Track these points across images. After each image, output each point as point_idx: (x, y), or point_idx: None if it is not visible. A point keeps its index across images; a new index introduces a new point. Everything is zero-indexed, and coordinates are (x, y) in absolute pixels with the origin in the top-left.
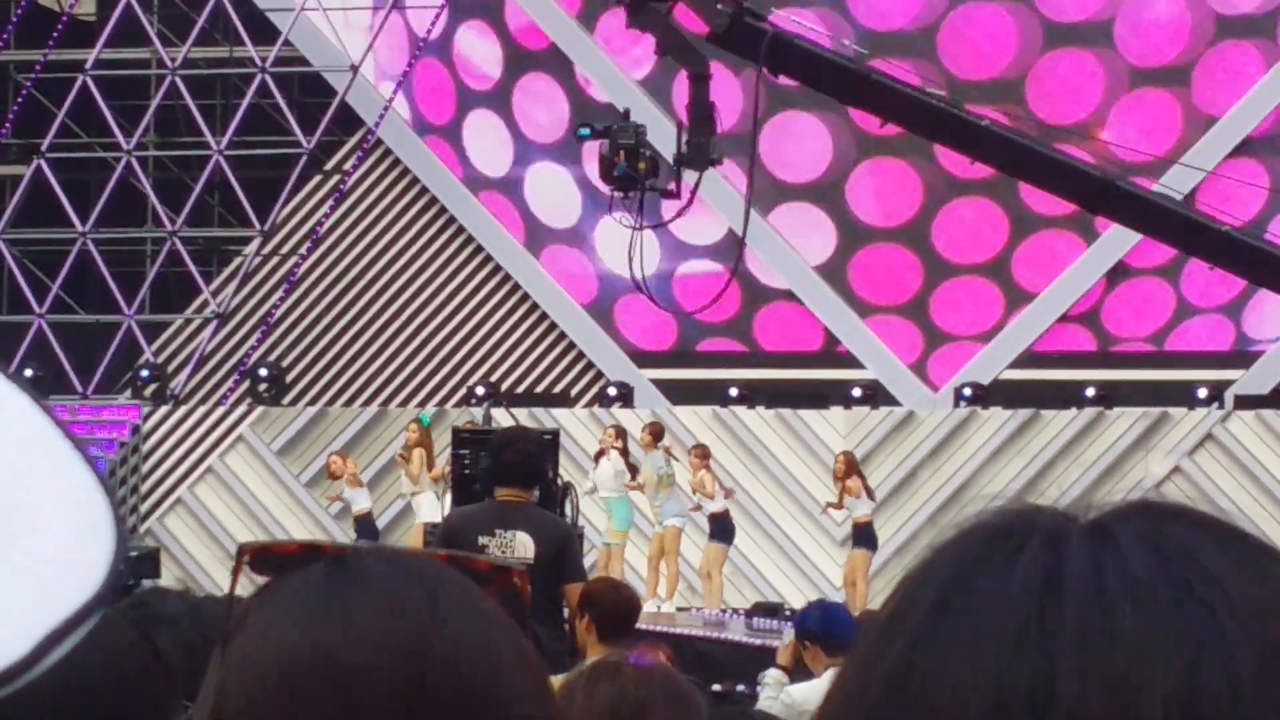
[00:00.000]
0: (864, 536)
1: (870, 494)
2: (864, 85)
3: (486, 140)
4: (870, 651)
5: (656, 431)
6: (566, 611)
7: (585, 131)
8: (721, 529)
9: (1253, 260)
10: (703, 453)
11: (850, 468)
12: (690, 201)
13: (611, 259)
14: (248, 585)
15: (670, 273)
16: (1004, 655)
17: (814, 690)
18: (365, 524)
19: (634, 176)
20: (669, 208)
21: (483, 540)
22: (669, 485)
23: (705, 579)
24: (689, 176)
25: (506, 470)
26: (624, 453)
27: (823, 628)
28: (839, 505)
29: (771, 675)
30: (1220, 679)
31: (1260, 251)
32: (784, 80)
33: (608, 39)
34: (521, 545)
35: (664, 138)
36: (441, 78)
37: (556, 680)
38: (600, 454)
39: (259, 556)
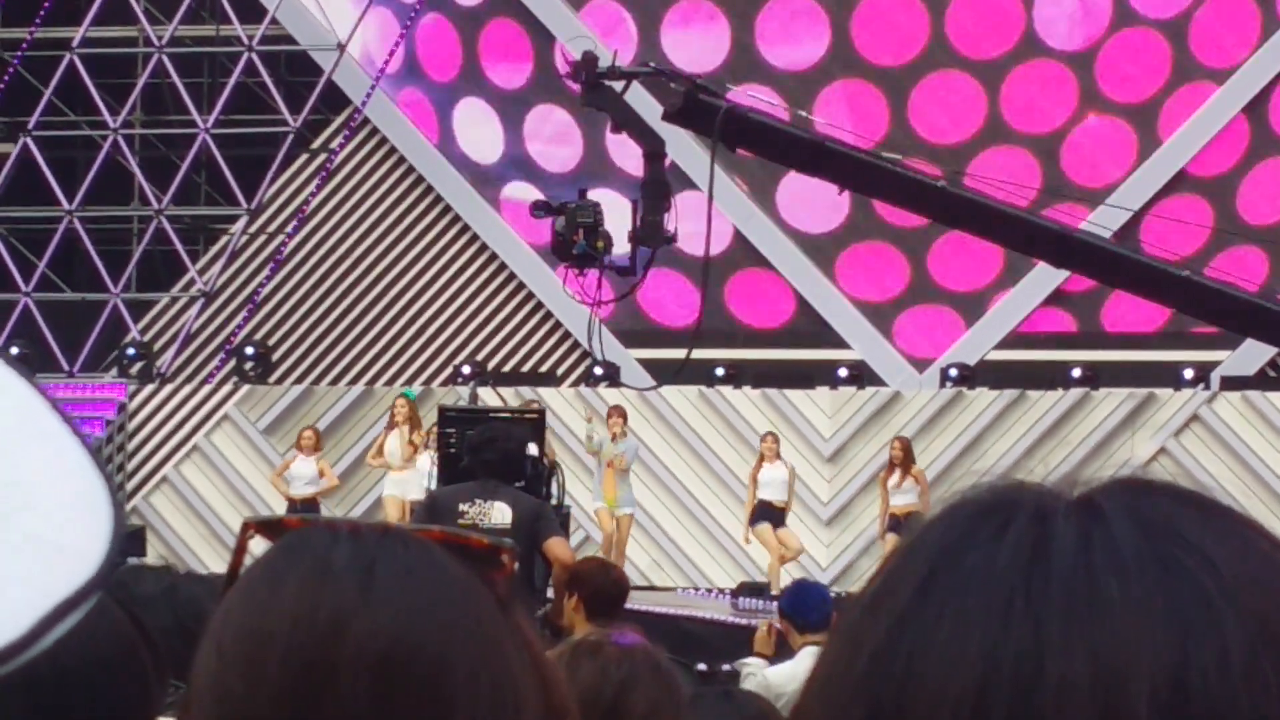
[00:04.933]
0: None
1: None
2: (820, 155)
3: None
4: (857, 627)
5: (625, 414)
6: (552, 583)
7: (540, 211)
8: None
9: (1220, 306)
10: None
11: (908, 454)
12: (643, 279)
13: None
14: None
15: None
16: (991, 630)
17: (789, 672)
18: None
19: (593, 254)
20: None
21: (462, 507)
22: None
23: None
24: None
25: (485, 468)
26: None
27: (793, 605)
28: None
29: (753, 663)
30: (1208, 653)
31: (1222, 296)
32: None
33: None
34: (499, 512)
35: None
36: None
37: None
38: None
39: (267, 529)
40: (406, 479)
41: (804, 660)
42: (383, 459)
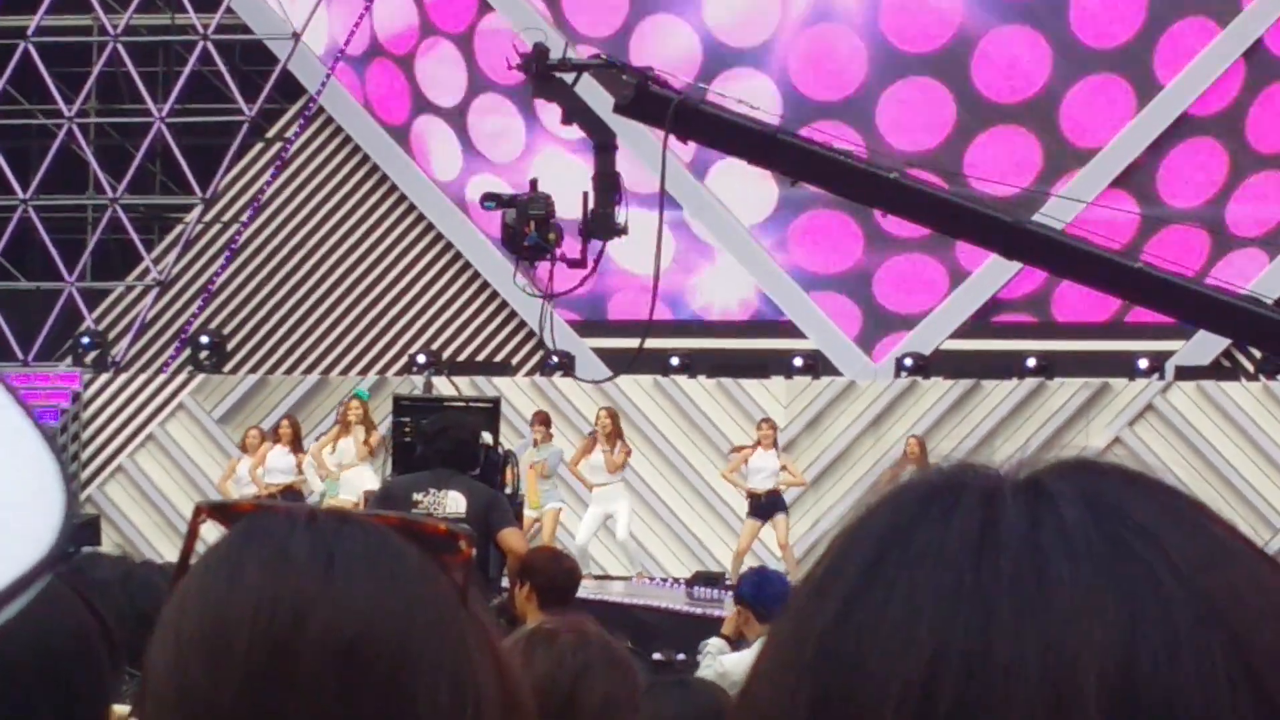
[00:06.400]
0: None
1: None
2: (772, 146)
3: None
4: (805, 609)
5: (548, 420)
6: (505, 571)
7: (490, 204)
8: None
9: (1172, 297)
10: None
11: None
12: (593, 270)
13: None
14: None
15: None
16: (940, 610)
17: (744, 660)
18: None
19: (544, 246)
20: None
21: (416, 496)
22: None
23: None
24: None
25: (439, 457)
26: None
27: (755, 592)
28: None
29: (713, 644)
30: (1157, 634)
31: (1179, 289)
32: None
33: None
34: (453, 501)
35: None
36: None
37: None
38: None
39: (219, 514)
40: (360, 477)
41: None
42: (327, 468)
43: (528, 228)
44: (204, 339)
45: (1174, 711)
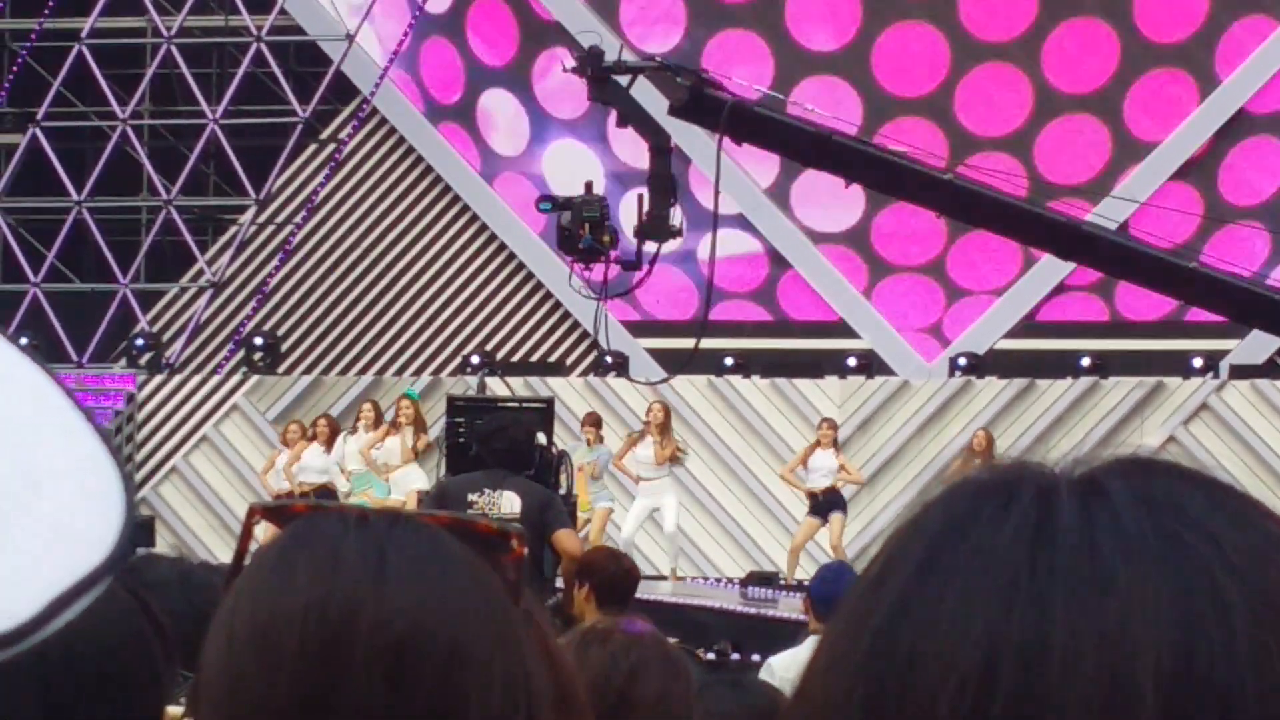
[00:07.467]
0: None
1: None
2: (826, 149)
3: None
4: (859, 607)
5: (599, 422)
6: (560, 571)
7: (546, 206)
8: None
9: (1228, 298)
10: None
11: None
12: (649, 272)
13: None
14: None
15: (692, 250)
16: (995, 609)
17: (797, 658)
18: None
19: (599, 248)
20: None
21: (471, 497)
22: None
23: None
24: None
25: (492, 457)
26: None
27: (817, 588)
28: None
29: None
30: (1214, 630)
31: (1235, 289)
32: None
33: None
34: (508, 501)
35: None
36: (450, 56)
37: None
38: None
39: (273, 515)
40: (410, 477)
41: (810, 646)
42: (375, 466)
43: (582, 230)
44: (258, 340)
45: (1231, 707)
